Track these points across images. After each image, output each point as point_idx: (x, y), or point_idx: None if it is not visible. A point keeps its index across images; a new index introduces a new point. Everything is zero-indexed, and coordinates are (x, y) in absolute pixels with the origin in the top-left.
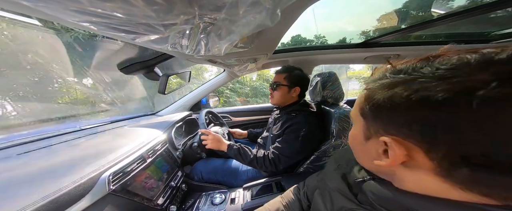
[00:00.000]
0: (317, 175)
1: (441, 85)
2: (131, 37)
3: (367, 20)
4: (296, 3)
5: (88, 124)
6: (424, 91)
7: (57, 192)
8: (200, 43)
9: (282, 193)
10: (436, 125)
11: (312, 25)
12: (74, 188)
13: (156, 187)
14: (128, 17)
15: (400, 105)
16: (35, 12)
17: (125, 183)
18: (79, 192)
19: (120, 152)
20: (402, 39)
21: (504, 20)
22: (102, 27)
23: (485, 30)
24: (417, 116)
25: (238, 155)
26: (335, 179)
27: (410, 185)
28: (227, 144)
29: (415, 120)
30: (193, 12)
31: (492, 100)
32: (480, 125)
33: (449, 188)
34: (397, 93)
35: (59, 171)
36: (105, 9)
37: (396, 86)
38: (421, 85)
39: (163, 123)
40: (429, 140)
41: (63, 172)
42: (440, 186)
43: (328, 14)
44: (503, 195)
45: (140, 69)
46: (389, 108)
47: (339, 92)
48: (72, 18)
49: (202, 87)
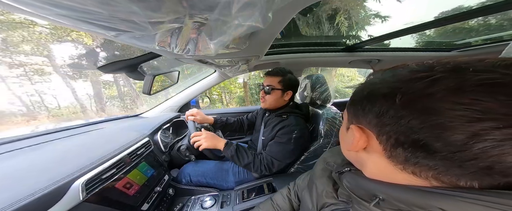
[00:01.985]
0: (306, 175)
1: (384, 85)
2: (113, 34)
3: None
4: (287, 5)
5: (57, 127)
6: (373, 89)
7: (18, 202)
8: (190, 43)
9: (274, 194)
10: (382, 114)
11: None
12: (39, 197)
13: (139, 193)
14: (110, 13)
15: (361, 99)
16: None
17: (102, 190)
18: (46, 201)
19: (97, 156)
20: (382, 45)
21: (463, 30)
22: (77, 22)
23: (448, 40)
24: (370, 107)
25: (235, 155)
26: (322, 177)
27: (373, 170)
28: (224, 142)
29: (370, 110)
30: (183, 11)
31: (407, 97)
32: (404, 114)
33: (393, 169)
34: (358, 90)
35: (21, 179)
36: (83, 3)
37: (362, 86)
38: (373, 86)
39: (148, 124)
40: (378, 126)
41: (27, 180)
42: (388, 167)
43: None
44: (425, 174)
45: (123, 68)
46: (356, 102)
47: (327, 94)
48: (40, 11)
49: (191, 88)
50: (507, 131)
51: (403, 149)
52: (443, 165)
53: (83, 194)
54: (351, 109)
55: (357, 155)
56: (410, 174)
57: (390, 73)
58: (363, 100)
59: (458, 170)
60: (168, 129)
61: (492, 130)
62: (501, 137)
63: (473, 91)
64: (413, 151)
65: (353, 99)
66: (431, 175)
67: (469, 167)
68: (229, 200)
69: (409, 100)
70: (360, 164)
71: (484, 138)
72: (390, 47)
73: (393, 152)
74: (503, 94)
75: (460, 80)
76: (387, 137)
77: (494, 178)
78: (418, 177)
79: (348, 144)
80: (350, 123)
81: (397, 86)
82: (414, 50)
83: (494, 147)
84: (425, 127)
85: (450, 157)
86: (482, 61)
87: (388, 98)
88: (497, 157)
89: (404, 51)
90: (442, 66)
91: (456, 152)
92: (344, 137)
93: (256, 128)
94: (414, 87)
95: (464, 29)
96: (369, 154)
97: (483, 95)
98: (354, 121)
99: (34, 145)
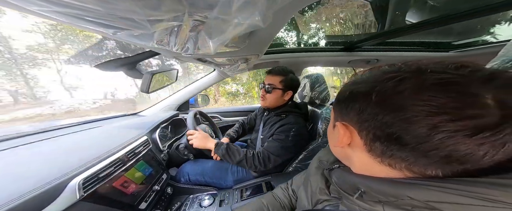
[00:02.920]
0: (303, 173)
1: (363, 85)
2: (111, 32)
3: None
4: (288, 4)
5: (55, 124)
6: (355, 88)
7: (14, 201)
8: (189, 41)
9: (275, 189)
10: (362, 111)
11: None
12: (35, 196)
13: (137, 191)
14: (108, 10)
15: (344, 98)
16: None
17: (100, 189)
18: (42, 200)
19: (95, 155)
20: (381, 45)
21: (463, 30)
22: (75, 19)
23: (447, 40)
24: (352, 105)
25: (226, 154)
26: (316, 174)
27: (357, 164)
28: (214, 142)
29: (352, 108)
30: (182, 9)
31: (380, 96)
32: (379, 111)
33: (373, 162)
34: (343, 90)
35: (17, 177)
36: (81, 0)
37: (346, 86)
38: (355, 86)
39: (146, 123)
40: (359, 122)
41: (23, 178)
42: (369, 161)
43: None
44: (399, 166)
45: (121, 66)
46: (341, 100)
47: (326, 93)
48: (38, 8)
49: (190, 86)
50: (459, 123)
51: (380, 143)
52: (412, 156)
53: (80, 193)
54: (336, 107)
55: (343, 151)
56: (387, 166)
57: (368, 74)
58: (347, 99)
59: (424, 160)
60: (167, 128)
61: (447, 122)
62: (454, 128)
63: (430, 89)
64: (388, 144)
65: (339, 98)
66: (404, 166)
67: (432, 156)
68: (228, 199)
69: (383, 98)
70: (346, 160)
71: (441, 129)
72: (388, 47)
73: (372, 146)
74: (453, 91)
75: (420, 80)
76: (367, 132)
77: (453, 166)
78: (394, 169)
79: (334, 140)
80: (336, 121)
81: (373, 85)
82: (412, 50)
83: (449, 137)
84: (396, 122)
85: (418, 148)
86: (439, 63)
87: (366, 96)
88: (453, 146)
89: (402, 51)
90: (407, 67)
91: (422, 143)
92: (331, 135)
93: (256, 127)
94: (386, 86)
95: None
96: (353, 150)
97: (438, 92)
98: (339, 118)
99: (30, 143)
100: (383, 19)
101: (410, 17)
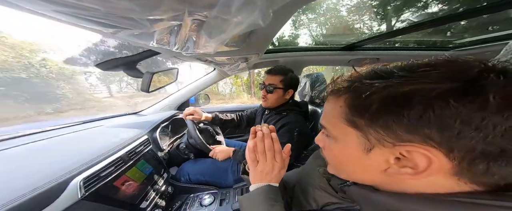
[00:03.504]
0: (299, 173)
1: (444, 81)
2: (111, 31)
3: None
4: (288, 3)
5: (56, 124)
6: (427, 87)
7: (17, 200)
8: (189, 41)
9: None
10: (455, 124)
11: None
12: (37, 195)
13: (138, 190)
14: (107, 10)
15: (406, 106)
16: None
17: (100, 188)
18: (45, 199)
19: (96, 154)
20: (381, 44)
21: (462, 30)
22: (74, 19)
23: (447, 38)
24: (433, 115)
25: (242, 158)
26: (316, 176)
27: (413, 189)
28: (232, 150)
29: (434, 121)
30: (182, 9)
31: (502, 93)
32: (501, 118)
33: (453, 184)
34: (396, 92)
35: (19, 177)
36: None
37: (399, 86)
38: (425, 85)
39: (147, 122)
40: (449, 139)
41: (25, 177)
42: (447, 184)
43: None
44: (480, 180)
45: (121, 65)
46: (394, 111)
47: None
48: (37, 7)
49: (190, 86)
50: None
51: (486, 162)
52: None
53: (81, 192)
54: (384, 121)
55: (384, 177)
56: (455, 182)
57: (434, 62)
58: (411, 108)
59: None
60: (167, 127)
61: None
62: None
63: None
64: (501, 161)
65: (387, 109)
66: (485, 181)
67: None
68: (228, 198)
69: (505, 97)
70: (384, 185)
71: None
72: (388, 46)
73: (469, 168)
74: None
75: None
76: (466, 150)
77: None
78: (463, 184)
79: (378, 168)
80: (380, 142)
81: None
82: (412, 49)
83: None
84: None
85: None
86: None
87: (470, 98)
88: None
89: (403, 50)
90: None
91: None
92: (362, 163)
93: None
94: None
95: (464, 28)
96: (418, 176)
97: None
98: (390, 138)
99: (32, 143)
100: (384, 18)
101: (410, 17)
